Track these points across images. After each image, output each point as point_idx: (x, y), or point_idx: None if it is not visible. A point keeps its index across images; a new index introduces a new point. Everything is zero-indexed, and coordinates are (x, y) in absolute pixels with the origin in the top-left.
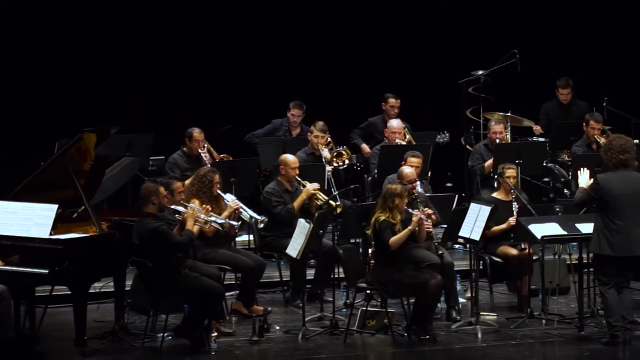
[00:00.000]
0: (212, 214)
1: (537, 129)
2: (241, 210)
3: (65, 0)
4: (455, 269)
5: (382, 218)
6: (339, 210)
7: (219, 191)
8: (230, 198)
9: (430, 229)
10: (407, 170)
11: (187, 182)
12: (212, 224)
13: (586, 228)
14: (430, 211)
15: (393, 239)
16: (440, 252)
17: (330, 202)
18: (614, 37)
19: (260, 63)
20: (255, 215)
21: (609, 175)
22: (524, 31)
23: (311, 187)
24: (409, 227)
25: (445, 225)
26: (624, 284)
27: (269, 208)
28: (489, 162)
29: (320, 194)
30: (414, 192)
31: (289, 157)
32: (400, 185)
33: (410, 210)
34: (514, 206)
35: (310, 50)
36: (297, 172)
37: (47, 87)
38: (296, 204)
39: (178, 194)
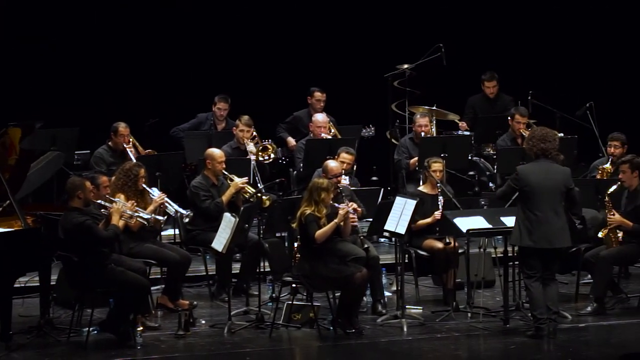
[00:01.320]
0: (137, 208)
1: (462, 125)
2: (167, 204)
3: None
4: (380, 262)
5: (308, 212)
6: (267, 203)
7: (144, 185)
8: (156, 193)
9: (356, 223)
10: (332, 164)
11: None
12: (138, 218)
13: (511, 221)
14: (355, 205)
15: (319, 232)
16: (365, 245)
17: (259, 195)
18: (538, 31)
19: (185, 57)
20: (180, 209)
21: (530, 166)
22: (450, 25)
23: (239, 181)
24: (335, 221)
25: (371, 219)
26: (549, 276)
27: (196, 202)
28: (414, 159)
29: (249, 187)
30: (340, 185)
31: (216, 152)
32: (326, 179)
33: (336, 204)
34: (439, 200)
35: (235, 44)
36: (224, 166)
37: None
38: (224, 197)
39: (104, 189)
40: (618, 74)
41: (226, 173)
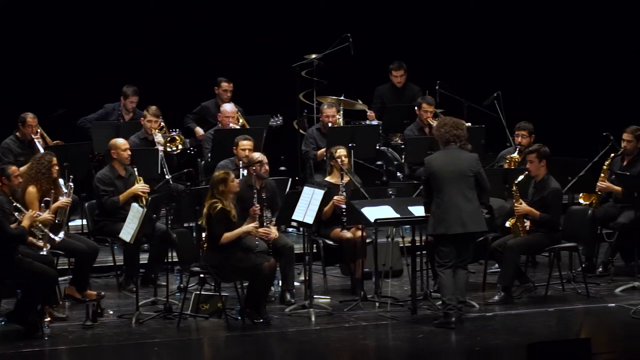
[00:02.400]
0: (46, 230)
1: (370, 115)
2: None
3: None
4: None
5: (219, 206)
6: (143, 200)
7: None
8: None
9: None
10: (256, 155)
11: (22, 168)
12: (39, 232)
13: (419, 211)
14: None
15: (226, 235)
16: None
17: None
18: (446, 20)
19: (92, 47)
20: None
21: (437, 154)
22: (357, 15)
23: (139, 187)
24: (244, 229)
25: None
26: (461, 264)
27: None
28: (322, 150)
29: (146, 196)
30: (264, 174)
31: (119, 141)
32: (222, 171)
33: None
34: (341, 185)
35: (142, 34)
36: (129, 153)
37: None
38: (122, 196)
39: (15, 178)
40: (525, 63)
41: (137, 174)
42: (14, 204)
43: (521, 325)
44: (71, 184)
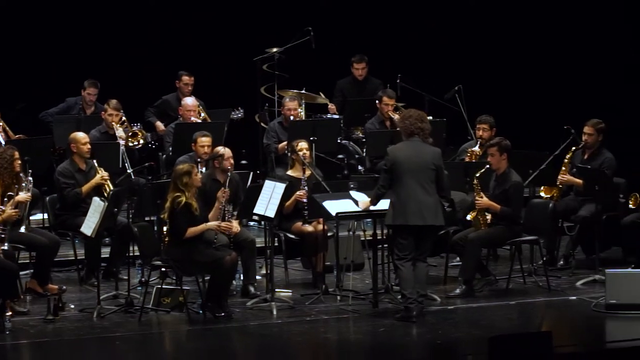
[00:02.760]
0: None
1: (331, 108)
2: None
3: None
4: None
5: (183, 201)
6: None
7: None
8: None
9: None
10: (220, 148)
11: None
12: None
13: (380, 204)
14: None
15: (191, 230)
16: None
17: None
18: (406, 14)
19: (52, 41)
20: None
21: (400, 146)
22: (318, 9)
23: (100, 176)
24: (209, 225)
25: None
26: (420, 257)
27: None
28: (283, 144)
29: (109, 183)
30: (229, 170)
31: (78, 134)
32: (187, 164)
33: (224, 189)
34: (302, 178)
35: (102, 27)
36: (89, 147)
37: None
38: (84, 188)
39: None
40: (486, 57)
41: (97, 165)
42: None
43: (482, 319)
44: (30, 178)
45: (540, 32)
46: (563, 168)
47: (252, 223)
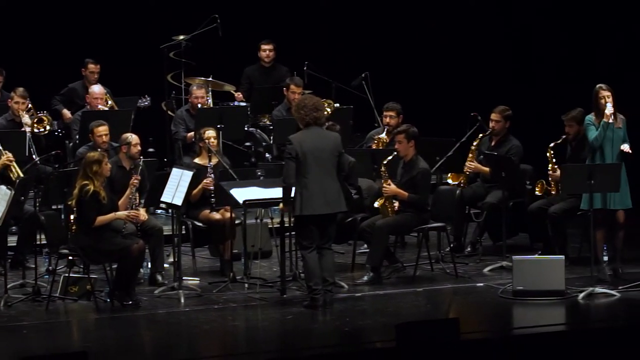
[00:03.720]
0: None
1: (238, 96)
2: None
3: None
4: None
5: (91, 189)
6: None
7: None
8: None
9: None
10: (127, 134)
11: None
12: None
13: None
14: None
15: (100, 218)
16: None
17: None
18: (312, 1)
19: None
20: None
21: (301, 135)
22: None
23: (5, 157)
24: (118, 214)
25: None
26: (325, 245)
27: None
28: (191, 134)
29: (15, 166)
30: (136, 157)
31: None
32: (98, 152)
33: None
34: (209, 166)
35: (8, 15)
36: None
37: None
38: None
39: None
40: (393, 44)
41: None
42: None
43: (390, 306)
44: None
45: (447, 19)
46: (470, 155)
47: (159, 211)
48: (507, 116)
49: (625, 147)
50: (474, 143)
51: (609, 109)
